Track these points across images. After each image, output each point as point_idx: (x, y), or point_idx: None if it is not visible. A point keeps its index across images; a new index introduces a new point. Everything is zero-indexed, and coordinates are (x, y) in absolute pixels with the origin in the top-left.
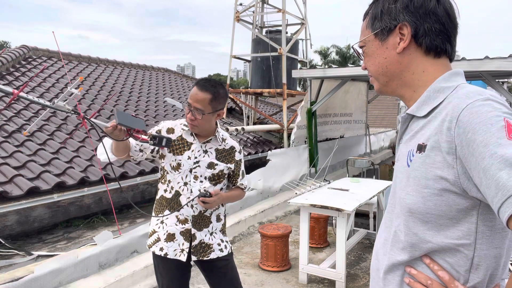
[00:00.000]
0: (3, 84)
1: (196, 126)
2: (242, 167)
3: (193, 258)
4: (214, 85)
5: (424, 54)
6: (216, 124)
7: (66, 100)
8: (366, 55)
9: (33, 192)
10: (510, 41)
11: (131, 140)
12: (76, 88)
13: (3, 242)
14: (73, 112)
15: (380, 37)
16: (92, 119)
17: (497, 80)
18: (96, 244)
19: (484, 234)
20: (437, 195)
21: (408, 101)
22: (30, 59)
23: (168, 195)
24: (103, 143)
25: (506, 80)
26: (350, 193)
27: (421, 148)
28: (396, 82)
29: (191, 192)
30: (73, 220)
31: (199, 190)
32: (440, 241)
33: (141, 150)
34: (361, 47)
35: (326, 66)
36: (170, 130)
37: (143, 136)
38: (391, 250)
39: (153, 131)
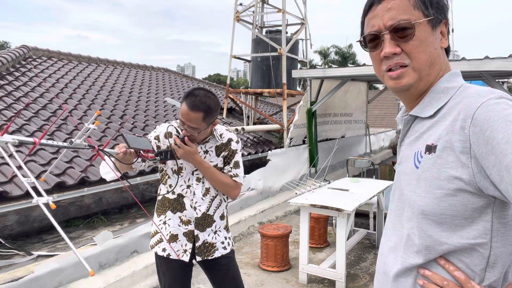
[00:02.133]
0: (3, 84)
1: (194, 140)
2: (237, 158)
3: (198, 258)
4: (204, 101)
5: (445, 54)
6: None
7: (84, 136)
8: (416, 39)
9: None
10: (510, 41)
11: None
12: (92, 123)
13: (3, 242)
14: (88, 147)
15: (432, 24)
16: (106, 150)
17: (497, 80)
18: (96, 244)
19: (499, 232)
20: (451, 195)
21: (418, 102)
22: (30, 59)
23: (171, 196)
24: (106, 163)
25: (506, 80)
26: (350, 193)
27: (430, 149)
28: (431, 78)
29: (194, 194)
30: (73, 220)
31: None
32: (456, 242)
33: (143, 160)
34: (405, 28)
35: (326, 66)
36: (169, 135)
37: (150, 154)
38: (404, 253)
39: (151, 137)
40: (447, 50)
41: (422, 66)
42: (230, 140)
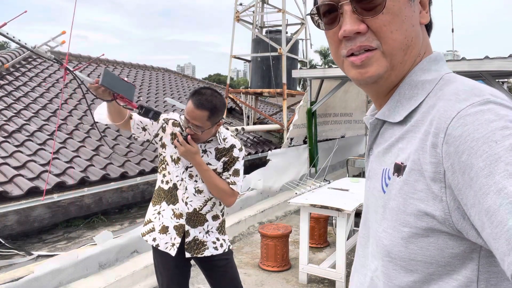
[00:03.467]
0: (3, 84)
1: (197, 140)
2: (238, 166)
3: (187, 255)
4: (210, 100)
5: (426, 33)
6: None
7: (49, 49)
8: (387, 12)
9: (33, 192)
10: (510, 41)
11: (135, 116)
12: (58, 38)
13: (3, 242)
14: (55, 60)
15: None
16: (76, 72)
17: (497, 80)
18: (96, 244)
19: (489, 283)
20: (421, 236)
21: (388, 98)
22: (30, 59)
23: (165, 186)
24: (90, 111)
25: (506, 80)
26: (350, 193)
27: (399, 169)
28: (406, 66)
29: (186, 189)
30: (73, 220)
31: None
32: None
33: (144, 129)
34: None
35: (326, 66)
36: (176, 124)
37: (130, 103)
38: None
39: (161, 118)
40: (428, 28)
41: (395, 50)
42: (233, 146)
